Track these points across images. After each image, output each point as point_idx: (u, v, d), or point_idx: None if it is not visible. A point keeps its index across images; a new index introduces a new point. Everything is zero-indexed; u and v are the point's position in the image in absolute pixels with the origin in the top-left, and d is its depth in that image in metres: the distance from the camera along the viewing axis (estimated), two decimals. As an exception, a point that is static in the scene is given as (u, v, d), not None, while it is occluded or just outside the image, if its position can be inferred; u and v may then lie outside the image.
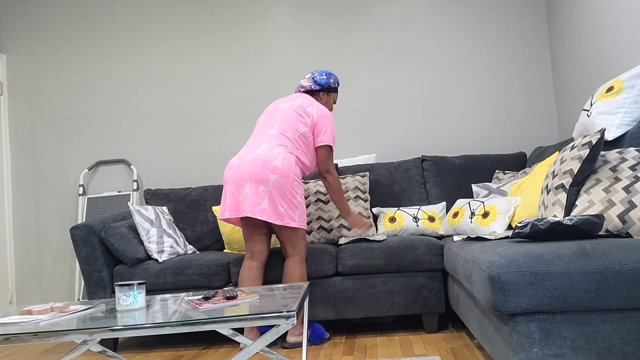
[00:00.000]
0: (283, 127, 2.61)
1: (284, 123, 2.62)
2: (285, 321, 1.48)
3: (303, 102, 2.70)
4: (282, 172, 2.46)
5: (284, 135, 2.59)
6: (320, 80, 2.80)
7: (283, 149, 2.54)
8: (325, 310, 2.76)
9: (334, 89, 2.85)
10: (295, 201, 2.50)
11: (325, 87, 2.81)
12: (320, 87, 2.80)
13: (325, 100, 2.84)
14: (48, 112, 4.12)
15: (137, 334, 1.49)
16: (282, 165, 2.47)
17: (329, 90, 2.83)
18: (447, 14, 3.82)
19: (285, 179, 2.46)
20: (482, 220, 2.54)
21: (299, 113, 2.65)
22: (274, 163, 2.46)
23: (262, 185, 2.44)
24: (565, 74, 3.50)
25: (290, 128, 2.61)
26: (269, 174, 2.45)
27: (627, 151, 1.87)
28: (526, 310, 1.49)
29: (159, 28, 4.06)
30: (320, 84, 2.80)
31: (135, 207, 3.22)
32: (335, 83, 2.84)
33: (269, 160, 2.47)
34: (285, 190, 2.47)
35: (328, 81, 2.81)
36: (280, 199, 2.45)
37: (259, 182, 2.44)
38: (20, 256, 4.07)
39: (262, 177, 2.45)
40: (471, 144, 3.76)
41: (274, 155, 2.49)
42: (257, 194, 2.44)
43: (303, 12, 3.94)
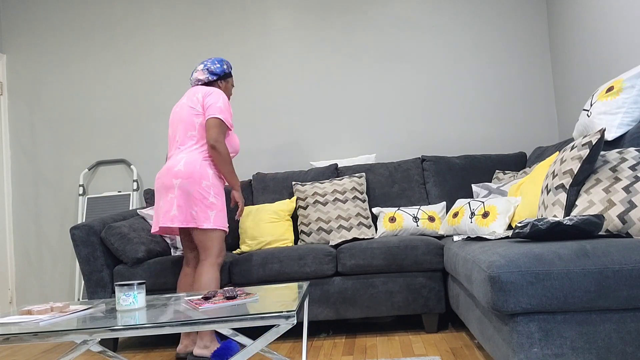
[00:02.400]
0: (183, 130, 2.58)
1: (181, 125, 2.59)
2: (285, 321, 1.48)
3: (193, 93, 2.63)
4: (185, 175, 2.44)
5: (185, 137, 2.56)
6: (216, 70, 2.71)
7: (187, 151, 2.53)
8: (325, 310, 2.76)
9: (229, 73, 2.78)
10: (207, 202, 2.45)
11: (221, 75, 2.74)
12: (217, 77, 2.73)
13: (224, 87, 2.78)
14: (48, 112, 4.12)
15: (137, 334, 1.49)
16: (185, 168, 2.45)
17: (226, 77, 2.76)
18: (447, 14, 3.82)
19: (190, 180, 2.44)
20: (482, 220, 2.54)
21: (190, 106, 2.59)
22: (176, 168, 2.46)
23: (169, 192, 2.46)
24: (565, 74, 3.50)
25: (188, 127, 2.57)
26: (172, 180, 2.45)
27: (627, 151, 1.87)
28: (526, 310, 1.49)
29: (159, 28, 4.06)
30: (216, 73, 2.72)
31: (145, 211, 3.23)
32: (228, 68, 2.77)
33: (172, 167, 2.47)
34: (192, 192, 2.44)
35: (222, 68, 2.73)
36: (190, 201, 2.43)
37: (167, 190, 2.46)
38: (20, 256, 4.07)
39: (168, 184, 2.46)
40: (471, 144, 3.76)
41: (177, 161, 2.49)
42: (166, 202, 2.46)
43: (303, 12, 3.94)
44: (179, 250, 3.13)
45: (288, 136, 3.89)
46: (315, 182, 3.35)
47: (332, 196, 3.23)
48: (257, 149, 3.91)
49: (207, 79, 2.71)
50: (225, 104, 2.58)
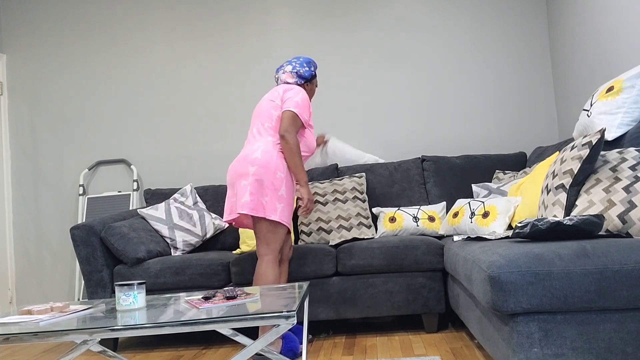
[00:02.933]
0: (260, 121, 2.56)
1: (259, 117, 2.57)
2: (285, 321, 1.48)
3: (275, 90, 2.62)
4: (262, 163, 2.40)
5: (262, 128, 2.54)
6: (305, 73, 2.67)
7: (264, 141, 2.49)
8: (325, 310, 2.76)
9: (315, 75, 2.76)
10: (278, 193, 2.40)
11: (309, 79, 2.70)
12: (305, 81, 2.69)
13: (309, 89, 2.74)
14: (48, 112, 4.12)
15: (137, 334, 1.49)
16: (262, 157, 2.41)
17: (312, 79, 2.73)
18: (447, 14, 3.82)
19: (265, 169, 2.39)
20: (482, 220, 2.54)
21: (270, 99, 2.58)
22: (253, 156, 2.42)
23: (243, 179, 2.40)
24: (565, 74, 3.50)
25: (266, 118, 2.55)
26: (249, 167, 2.40)
27: (627, 151, 1.87)
28: (526, 310, 1.49)
29: (159, 28, 4.06)
30: (305, 77, 2.68)
31: (145, 211, 3.23)
32: (315, 69, 2.74)
33: (248, 155, 2.44)
34: (266, 181, 2.39)
35: (311, 71, 2.69)
36: (262, 190, 2.38)
37: (241, 177, 2.41)
38: (20, 256, 4.07)
39: (243, 171, 2.41)
40: (471, 144, 3.76)
41: (254, 149, 2.46)
42: (241, 189, 2.40)
43: (303, 12, 3.94)
44: (179, 250, 3.13)
45: (288, 136, 3.89)
46: (315, 182, 3.35)
47: (332, 196, 3.23)
48: (257, 149, 3.91)
49: (296, 83, 2.67)
50: (304, 100, 2.54)
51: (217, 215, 3.54)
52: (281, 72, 2.69)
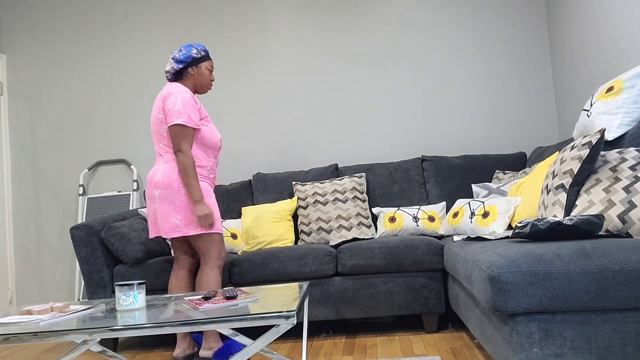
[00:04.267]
0: (156, 140, 2.52)
1: (155, 135, 2.52)
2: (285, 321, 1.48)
3: (157, 99, 2.51)
4: (164, 185, 2.40)
5: (160, 148, 2.50)
6: (181, 57, 2.51)
7: (163, 161, 2.47)
8: (325, 310, 2.76)
9: (201, 58, 2.55)
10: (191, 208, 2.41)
11: (189, 62, 2.52)
12: (183, 64, 2.52)
13: (197, 74, 2.56)
14: (48, 112, 4.12)
15: (137, 333, 1.49)
16: (162, 178, 2.41)
17: (195, 62, 2.53)
18: (447, 14, 3.82)
19: (170, 190, 2.39)
20: (482, 220, 2.54)
21: (157, 116, 2.48)
22: (155, 179, 2.43)
23: (152, 203, 2.45)
24: (565, 74, 3.50)
25: (159, 136, 2.49)
26: (153, 191, 2.43)
27: (627, 151, 1.87)
28: (526, 310, 1.49)
29: (159, 28, 4.06)
30: (182, 61, 2.51)
31: (146, 211, 3.23)
32: (200, 52, 2.55)
33: (152, 178, 2.45)
34: (174, 201, 2.39)
35: (189, 54, 2.51)
36: (171, 210, 2.39)
37: (151, 201, 2.46)
38: (20, 256, 4.07)
39: (150, 195, 2.45)
40: (471, 144, 3.76)
41: (156, 171, 2.46)
42: (151, 213, 2.48)
43: (303, 12, 3.94)
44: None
45: (288, 136, 3.89)
46: (315, 182, 3.35)
47: (332, 196, 3.23)
48: (257, 149, 3.91)
49: (173, 68, 2.53)
50: (185, 103, 2.41)
51: (217, 215, 3.54)
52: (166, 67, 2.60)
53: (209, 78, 2.61)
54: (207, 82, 2.60)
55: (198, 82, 2.58)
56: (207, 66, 2.59)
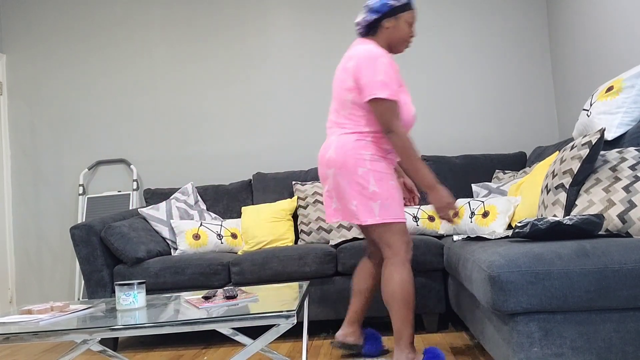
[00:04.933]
0: (335, 105, 2.11)
1: (334, 100, 2.12)
2: (285, 321, 1.48)
3: (344, 59, 2.10)
4: (337, 163, 2.01)
5: (339, 116, 2.08)
6: (376, 5, 2.04)
7: (338, 133, 2.07)
8: (325, 310, 2.76)
9: (401, 7, 2.05)
10: (367, 192, 1.98)
11: (386, 12, 2.04)
12: (379, 15, 2.05)
13: (394, 26, 2.07)
14: (48, 112, 4.12)
15: (137, 333, 1.50)
16: (336, 155, 2.02)
17: (394, 12, 2.04)
18: (447, 14, 3.82)
19: (344, 170, 2.00)
20: (482, 219, 2.54)
21: (341, 79, 2.08)
22: (327, 156, 2.05)
23: (326, 184, 2.10)
24: (565, 74, 3.50)
25: (341, 105, 2.07)
26: (326, 171, 2.06)
27: (627, 151, 1.87)
28: (526, 310, 1.49)
29: (159, 28, 4.06)
30: (377, 10, 2.04)
31: (146, 210, 3.23)
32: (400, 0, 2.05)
33: (324, 155, 2.08)
34: (350, 183, 2.00)
35: (387, 2, 2.03)
36: (348, 194, 2.00)
37: (324, 181, 2.11)
38: (20, 256, 4.07)
39: (322, 175, 2.11)
40: (471, 144, 3.76)
41: (328, 146, 2.08)
42: (326, 195, 2.12)
43: (303, 12, 3.94)
44: (179, 250, 3.13)
45: (288, 136, 3.89)
46: (315, 182, 3.35)
47: (332, 196, 3.23)
48: (257, 149, 3.91)
49: (365, 20, 2.08)
50: (385, 71, 1.96)
51: (217, 215, 3.54)
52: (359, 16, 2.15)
53: (409, 33, 2.09)
54: (406, 38, 2.10)
55: (394, 38, 2.09)
56: (408, 18, 2.07)
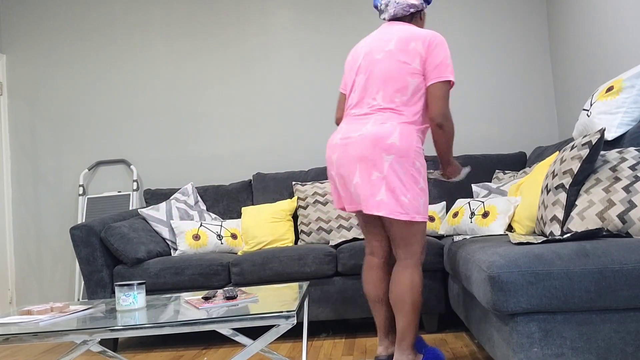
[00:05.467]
0: (391, 91, 1.97)
1: (390, 83, 1.97)
2: (285, 321, 1.48)
3: (400, 40, 1.99)
4: (400, 152, 1.89)
5: (394, 100, 1.97)
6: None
7: (397, 119, 1.95)
8: (325, 310, 2.76)
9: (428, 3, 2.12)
10: (418, 187, 1.92)
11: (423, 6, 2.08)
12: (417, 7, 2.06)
13: (424, 21, 2.13)
14: (48, 112, 4.12)
15: (137, 334, 1.50)
16: (400, 143, 1.89)
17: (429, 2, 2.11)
18: (447, 14, 3.82)
19: (405, 159, 1.90)
20: (482, 220, 2.54)
21: (402, 61, 1.96)
22: (389, 141, 1.89)
23: (375, 171, 1.90)
24: (565, 74, 3.50)
25: (399, 88, 1.96)
26: (383, 155, 1.89)
27: (627, 151, 1.87)
28: (526, 310, 1.49)
29: (159, 28, 4.06)
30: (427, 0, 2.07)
31: (146, 211, 3.23)
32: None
33: (382, 138, 1.90)
34: (406, 174, 1.90)
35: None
36: (402, 185, 1.89)
37: (372, 168, 1.90)
38: (20, 256, 4.07)
39: (375, 161, 1.90)
40: (471, 144, 3.76)
41: (387, 130, 1.91)
42: (370, 182, 1.90)
43: (303, 13, 3.94)
44: (179, 250, 3.13)
45: (288, 136, 3.89)
46: (315, 182, 3.35)
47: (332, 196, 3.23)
48: (257, 149, 3.91)
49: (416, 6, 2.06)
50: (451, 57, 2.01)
51: (217, 215, 3.54)
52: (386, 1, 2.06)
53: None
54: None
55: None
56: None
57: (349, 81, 2.12)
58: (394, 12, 2.07)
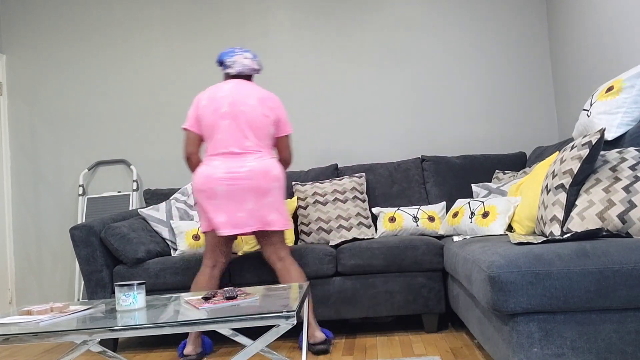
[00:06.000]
0: (259, 136, 2.49)
1: (257, 131, 2.48)
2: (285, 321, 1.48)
3: (260, 99, 2.51)
4: (281, 178, 2.47)
5: (263, 144, 2.50)
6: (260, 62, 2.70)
7: (270, 156, 2.52)
8: (325, 310, 2.76)
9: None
10: (285, 204, 2.54)
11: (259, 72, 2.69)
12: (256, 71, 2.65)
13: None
14: (48, 112, 4.12)
15: (137, 334, 1.49)
16: (279, 172, 2.47)
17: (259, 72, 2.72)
18: (447, 14, 3.82)
19: (282, 182, 2.48)
20: (482, 220, 2.54)
21: (265, 115, 2.50)
22: (274, 173, 2.43)
23: (268, 197, 2.42)
24: (565, 74, 3.50)
25: (264, 134, 2.50)
26: (272, 184, 2.42)
27: (627, 151, 1.87)
28: (526, 310, 1.49)
29: (159, 28, 4.06)
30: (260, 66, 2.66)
31: (145, 211, 3.23)
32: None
33: (268, 171, 2.42)
34: (282, 194, 2.49)
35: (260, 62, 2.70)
36: (281, 203, 2.48)
37: (265, 195, 2.41)
38: (20, 256, 4.07)
39: (267, 189, 2.41)
40: (471, 144, 3.76)
41: (269, 165, 2.44)
42: (263, 206, 2.42)
43: (303, 13, 3.94)
44: (179, 250, 3.13)
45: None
46: (315, 182, 3.35)
47: (332, 196, 3.23)
48: (257, 149, 3.91)
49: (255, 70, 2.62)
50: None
51: (217, 215, 3.54)
52: (241, 57, 2.57)
53: None
54: None
55: None
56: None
57: (209, 124, 2.49)
58: (239, 71, 2.58)
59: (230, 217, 2.40)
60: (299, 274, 2.50)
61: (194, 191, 2.48)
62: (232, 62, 2.57)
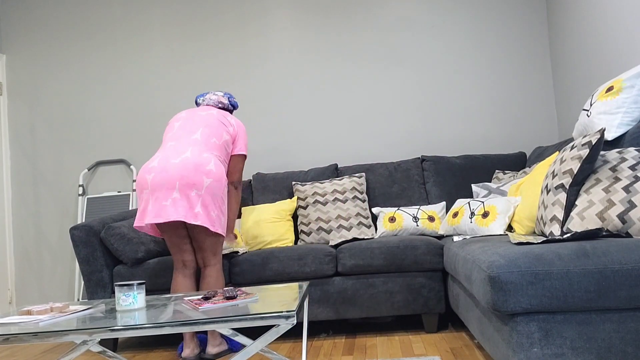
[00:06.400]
0: (207, 133, 2.50)
1: (207, 129, 2.51)
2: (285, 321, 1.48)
3: (221, 113, 2.64)
4: (216, 177, 2.37)
5: (209, 141, 2.48)
6: (234, 103, 2.78)
7: (212, 154, 2.45)
8: (325, 310, 2.76)
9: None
10: (223, 208, 2.43)
11: (235, 109, 2.83)
12: (232, 109, 2.80)
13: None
14: (48, 112, 4.12)
15: (137, 334, 1.49)
16: (216, 170, 2.38)
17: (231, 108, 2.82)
18: (447, 14, 3.82)
19: (219, 184, 2.38)
20: (482, 220, 2.54)
21: (221, 121, 2.57)
22: (208, 167, 2.36)
23: (195, 189, 2.32)
24: (565, 74, 3.50)
25: (215, 134, 2.51)
26: (203, 178, 2.34)
27: (627, 151, 1.87)
28: (526, 310, 1.49)
29: (159, 29, 4.06)
30: (234, 106, 2.79)
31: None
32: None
33: (201, 164, 2.36)
34: (217, 196, 2.38)
35: (237, 104, 2.81)
36: (212, 204, 2.36)
37: (192, 186, 2.32)
38: (20, 256, 4.07)
39: (195, 181, 2.33)
40: (471, 144, 3.76)
41: (205, 159, 2.39)
42: (189, 198, 2.32)
43: (302, 13, 3.94)
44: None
45: (288, 136, 3.89)
46: (315, 182, 3.35)
47: (332, 196, 3.23)
48: (257, 149, 3.91)
49: (227, 106, 2.75)
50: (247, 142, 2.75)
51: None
52: (210, 94, 2.75)
53: None
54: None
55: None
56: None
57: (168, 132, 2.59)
58: (208, 103, 2.72)
59: (155, 206, 2.33)
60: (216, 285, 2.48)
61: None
62: (203, 99, 2.76)
